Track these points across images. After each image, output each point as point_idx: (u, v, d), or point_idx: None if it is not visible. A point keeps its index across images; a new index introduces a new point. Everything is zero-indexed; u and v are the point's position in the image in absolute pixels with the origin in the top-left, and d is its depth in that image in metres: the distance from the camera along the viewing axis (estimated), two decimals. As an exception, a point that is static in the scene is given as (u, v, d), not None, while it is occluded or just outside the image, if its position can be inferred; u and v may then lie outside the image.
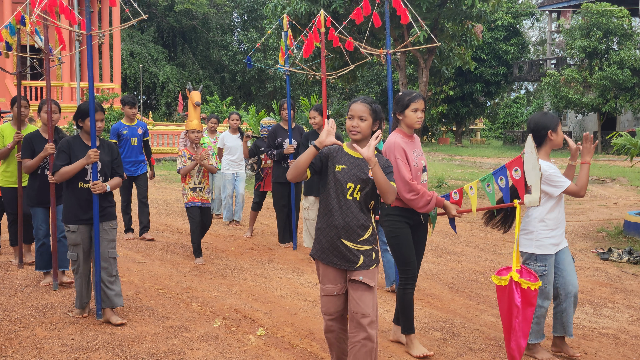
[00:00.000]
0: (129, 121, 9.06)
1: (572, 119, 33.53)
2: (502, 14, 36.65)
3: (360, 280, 3.93)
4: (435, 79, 32.48)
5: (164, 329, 5.23)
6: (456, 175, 19.49)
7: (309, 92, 40.79)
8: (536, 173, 4.37)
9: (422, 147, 5.07)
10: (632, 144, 9.60)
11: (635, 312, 6.03)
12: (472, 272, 7.51)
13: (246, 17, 46.40)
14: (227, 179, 10.58)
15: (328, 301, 4.03)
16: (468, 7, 16.43)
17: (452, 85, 37.66)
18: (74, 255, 5.47)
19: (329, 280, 4.00)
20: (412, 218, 4.78)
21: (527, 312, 4.30)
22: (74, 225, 5.42)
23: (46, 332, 5.11)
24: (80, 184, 5.42)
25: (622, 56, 26.93)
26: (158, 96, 40.61)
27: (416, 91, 4.87)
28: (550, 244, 4.65)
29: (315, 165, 3.94)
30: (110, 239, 5.51)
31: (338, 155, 3.98)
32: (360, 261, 3.95)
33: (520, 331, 4.30)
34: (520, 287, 4.30)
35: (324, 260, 3.99)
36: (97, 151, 5.29)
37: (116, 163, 5.62)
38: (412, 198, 4.61)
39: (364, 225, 3.96)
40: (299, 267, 7.58)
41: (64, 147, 5.43)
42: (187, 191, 7.70)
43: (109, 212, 5.54)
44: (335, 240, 3.93)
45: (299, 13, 16.95)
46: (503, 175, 4.62)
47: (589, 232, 10.23)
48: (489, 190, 4.77)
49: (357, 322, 3.91)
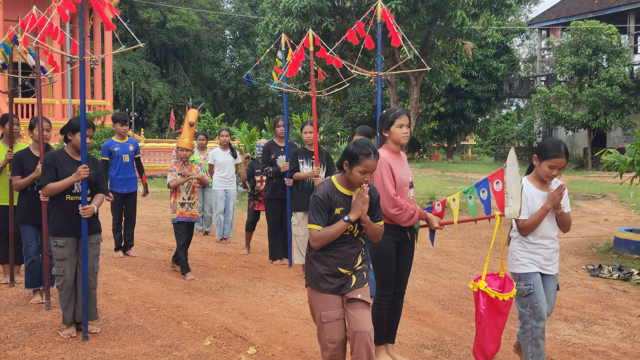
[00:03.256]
0: (120, 138, 9.05)
1: (562, 135, 33.71)
2: (492, 31, 36.90)
3: (359, 298, 3.97)
4: (426, 96, 32.68)
5: (154, 348, 5.21)
6: (447, 192, 19.51)
7: (300, 109, 40.90)
8: (517, 185, 4.42)
9: (413, 163, 5.13)
10: (621, 160, 9.66)
11: (625, 329, 6.05)
12: (463, 289, 7.52)
13: (238, 35, 46.58)
14: (218, 196, 10.56)
15: (332, 327, 3.97)
16: (458, 25, 16.60)
17: (443, 102, 37.81)
18: (60, 270, 5.40)
19: (329, 306, 3.98)
20: (398, 235, 4.83)
21: (497, 319, 4.43)
22: (62, 239, 5.38)
23: (36, 352, 5.08)
24: (67, 197, 5.40)
25: (611, 73, 27.13)
26: (150, 113, 40.60)
27: (400, 107, 4.92)
28: (531, 262, 4.58)
29: (329, 219, 3.97)
30: (96, 253, 5.52)
31: (334, 196, 3.98)
32: (354, 281, 4.01)
33: (486, 336, 4.45)
34: (487, 295, 4.42)
35: (320, 289, 3.99)
36: (86, 167, 5.28)
37: (100, 178, 5.58)
38: (396, 213, 4.68)
39: (358, 253, 4.06)
40: (291, 284, 7.57)
41: (50, 161, 5.39)
42: (176, 205, 7.74)
43: (94, 225, 5.53)
44: (332, 269, 3.98)
45: (291, 31, 17.08)
46: (485, 187, 4.71)
47: (580, 248, 10.27)
48: (470, 202, 4.87)
49: (360, 341, 3.92)
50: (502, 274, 4.57)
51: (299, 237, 7.96)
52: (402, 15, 16.43)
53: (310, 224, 3.93)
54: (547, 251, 4.62)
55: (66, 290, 5.45)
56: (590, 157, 29.85)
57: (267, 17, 18.34)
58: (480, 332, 4.47)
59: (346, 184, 4.01)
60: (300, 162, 7.95)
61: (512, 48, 42.26)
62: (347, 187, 4.01)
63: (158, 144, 25.22)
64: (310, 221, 3.94)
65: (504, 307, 4.39)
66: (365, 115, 40.82)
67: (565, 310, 6.63)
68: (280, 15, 17.59)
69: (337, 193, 3.98)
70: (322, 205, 3.92)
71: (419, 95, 18.64)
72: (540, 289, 4.56)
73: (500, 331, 4.46)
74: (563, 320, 6.30)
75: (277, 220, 8.68)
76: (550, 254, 4.64)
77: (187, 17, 40.26)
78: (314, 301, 4.04)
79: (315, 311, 4.04)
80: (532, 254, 4.61)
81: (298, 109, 40.85)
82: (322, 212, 3.92)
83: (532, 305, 4.51)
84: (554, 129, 33.18)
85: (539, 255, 4.61)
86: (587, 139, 30.36)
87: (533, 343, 4.56)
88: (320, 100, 37.56)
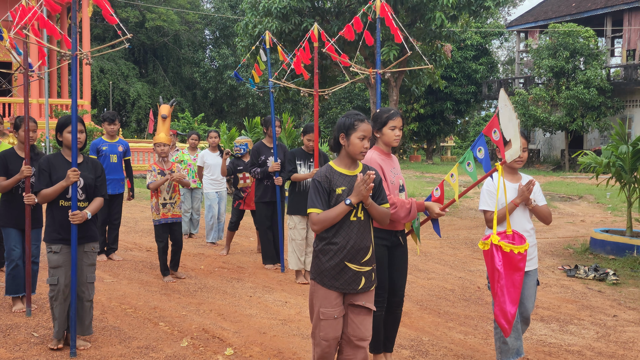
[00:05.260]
0: (109, 138, 8.85)
1: (540, 137, 34.00)
2: (471, 33, 37.14)
3: (364, 304, 3.90)
4: (406, 97, 32.78)
5: (130, 350, 5.17)
6: (427, 193, 19.61)
7: (281, 109, 40.84)
8: (513, 124, 4.28)
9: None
10: (597, 162, 9.77)
11: (600, 328, 6.11)
12: (441, 290, 7.55)
13: (218, 35, 46.40)
14: (211, 199, 10.39)
15: (328, 325, 3.87)
16: (437, 27, 16.68)
17: (423, 104, 37.95)
18: (54, 279, 5.06)
19: (329, 304, 3.87)
20: (389, 239, 4.65)
21: (514, 277, 4.22)
22: (57, 245, 5.10)
23: (10, 354, 5.02)
24: (62, 202, 5.11)
25: (588, 76, 27.41)
26: (129, 113, 40.32)
27: (394, 109, 4.81)
28: None
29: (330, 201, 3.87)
30: (91, 263, 5.22)
31: (334, 178, 3.89)
32: (362, 283, 3.89)
33: (505, 296, 4.21)
34: (501, 250, 4.23)
35: (325, 285, 3.88)
36: (76, 170, 5.00)
37: (100, 181, 5.27)
38: (392, 212, 4.44)
39: (367, 246, 3.91)
40: (269, 285, 7.55)
41: (44, 166, 5.12)
42: (158, 206, 7.55)
43: (92, 233, 5.23)
44: (339, 264, 3.85)
45: (270, 31, 17.04)
46: (481, 145, 4.57)
47: (556, 249, 10.36)
48: (469, 169, 4.65)
49: (356, 345, 3.89)
50: (509, 232, 4.40)
51: (295, 241, 7.66)
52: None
53: (309, 208, 3.83)
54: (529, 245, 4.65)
55: (60, 301, 5.09)
56: (567, 159, 30.13)
57: (247, 17, 18.30)
58: (500, 291, 4.23)
59: (345, 164, 3.96)
60: (298, 164, 7.64)
61: (491, 50, 42.51)
62: (347, 167, 3.95)
63: (137, 144, 25.05)
64: (309, 205, 3.84)
65: (520, 261, 4.22)
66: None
67: (541, 310, 6.68)
68: (260, 16, 17.56)
69: (336, 174, 3.90)
70: (321, 187, 3.83)
71: (398, 96, 18.70)
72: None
73: (518, 291, 4.23)
74: (539, 320, 6.34)
75: (270, 223, 8.49)
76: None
77: (166, 16, 40.01)
78: (315, 295, 3.92)
79: (315, 306, 3.93)
80: None
81: (278, 109, 40.80)
82: (321, 195, 3.83)
83: None
84: (531, 130, 33.45)
85: None
86: (565, 141, 30.65)
87: (501, 340, 4.66)
88: (300, 100, 37.53)
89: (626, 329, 6.13)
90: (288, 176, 7.69)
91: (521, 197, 4.62)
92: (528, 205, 4.69)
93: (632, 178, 9.39)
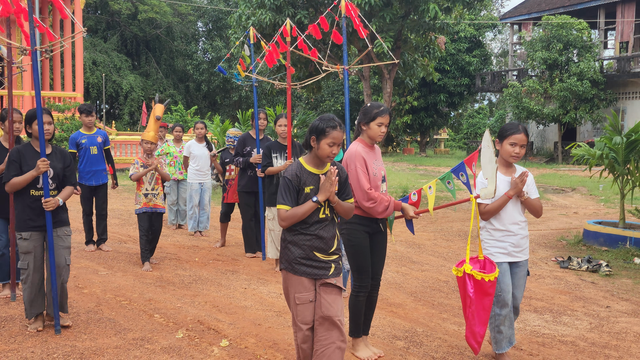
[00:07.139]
0: (87, 130, 8.90)
1: (533, 129, 34.06)
2: (464, 25, 37.14)
3: (335, 283, 4.03)
4: (400, 90, 32.77)
5: (125, 341, 5.17)
6: (420, 185, 19.65)
7: (274, 102, 40.81)
8: (492, 166, 4.49)
9: (387, 157, 5.15)
10: (590, 154, 9.79)
11: (593, 319, 6.15)
12: (435, 281, 7.58)
13: (211, 27, 46.29)
14: (193, 189, 10.47)
15: (305, 309, 4.02)
16: (431, 19, 16.65)
17: (416, 96, 37.98)
18: (24, 263, 5.37)
19: (303, 288, 4.02)
20: (371, 226, 4.85)
21: (484, 301, 4.50)
22: (27, 233, 5.33)
23: (5, 345, 5.02)
24: (32, 192, 5.34)
25: (581, 68, 27.45)
26: (121, 105, 40.20)
27: (384, 105, 4.89)
28: (498, 252, 4.72)
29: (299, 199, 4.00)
30: (66, 245, 5.46)
31: (304, 176, 4.01)
32: (332, 270, 4.06)
33: (475, 319, 4.51)
34: (473, 278, 4.49)
35: (297, 272, 4.02)
36: (45, 161, 5.20)
37: (69, 171, 5.53)
38: (371, 206, 4.69)
39: (333, 236, 4.08)
40: (264, 277, 7.57)
41: (14, 157, 5.34)
42: (140, 197, 7.87)
43: (63, 218, 5.48)
44: (308, 254, 4.00)
45: (264, 23, 16.99)
46: (462, 171, 4.77)
47: (550, 240, 10.40)
48: (449, 187, 4.90)
49: (331, 323, 3.99)
50: (481, 257, 4.64)
51: (274, 232, 7.83)
52: (375, 9, 16.45)
53: (278, 204, 3.97)
54: (515, 237, 4.74)
55: (30, 284, 5.37)
56: (560, 151, 30.22)
57: (240, 9, 18.21)
58: (470, 315, 4.53)
59: (314, 163, 4.06)
60: (274, 156, 7.75)
61: (485, 42, 42.54)
62: (316, 166, 4.06)
63: (129, 137, 25.00)
64: (278, 202, 3.97)
65: (490, 287, 4.48)
66: (339, 108, 40.85)
67: (534, 302, 6.72)
68: (254, 8, 17.49)
69: (306, 173, 4.02)
70: (291, 185, 3.96)
71: (392, 89, 18.68)
72: (505, 278, 4.71)
73: (488, 313, 4.54)
74: (533, 311, 6.38)
75: (252, 212, 8.65)
76: (519, 240, 4.76)
77: (158, 8, 39.88)
78: (289, 284, 4.07)
79: (290, 294, 4.07)
80: (500, 241, 4.73)
81: (271, 102, 40.76)
82: (290, 192, 3.96)
83: (496, 294, 4.64)
84: (525, 122, 33.52)
85: (506, 243, 4.73)
86: (558, 133, 30.73)
87: (496, 330, 4.76)
88: (294, 93, 37.51)
89: (619, 319, 6.17)
90: (263, 170, 7.81)
91: (515, 190, 4.67)
92: (520, 197, 4.73)
93: (624, 170, 9.43)
